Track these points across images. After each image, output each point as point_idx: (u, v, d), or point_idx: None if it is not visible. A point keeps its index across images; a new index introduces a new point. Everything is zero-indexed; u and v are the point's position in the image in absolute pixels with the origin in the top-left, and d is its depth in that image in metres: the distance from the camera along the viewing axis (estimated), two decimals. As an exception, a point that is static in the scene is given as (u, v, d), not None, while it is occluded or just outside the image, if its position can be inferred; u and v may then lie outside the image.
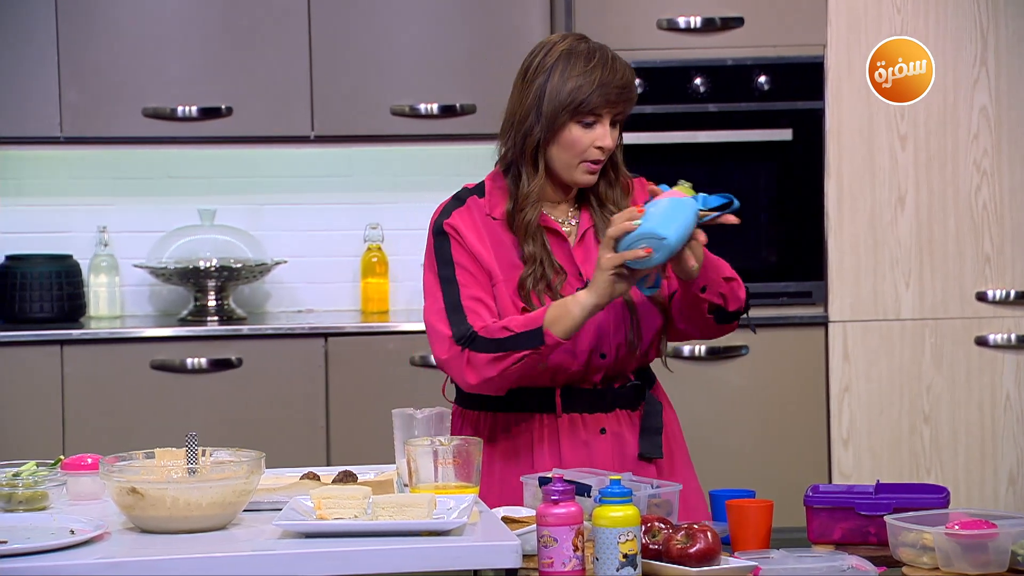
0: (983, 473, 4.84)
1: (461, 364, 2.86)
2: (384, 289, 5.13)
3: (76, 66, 4.80)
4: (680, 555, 2.39)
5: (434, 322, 2.90)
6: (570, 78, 2.90)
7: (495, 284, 2.93)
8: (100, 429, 4.64)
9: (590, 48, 2.93)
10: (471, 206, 3.00)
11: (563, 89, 2.90)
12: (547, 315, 2.83)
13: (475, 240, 2.95)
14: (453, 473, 2.59)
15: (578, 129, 2.91)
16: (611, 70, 2.90)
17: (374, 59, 4.89)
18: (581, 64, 2.90)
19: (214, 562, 2.29)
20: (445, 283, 2.92)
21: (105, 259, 5.05)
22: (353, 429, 4.73)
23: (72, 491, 2.72)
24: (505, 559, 2.34)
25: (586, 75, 2.89)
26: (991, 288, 4.85)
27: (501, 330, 2.85)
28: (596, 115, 2.91)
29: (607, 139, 2.92)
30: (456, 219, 2.98)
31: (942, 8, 4.80)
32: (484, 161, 5.24)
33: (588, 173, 2.94)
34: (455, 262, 2.94)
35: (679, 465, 3.03)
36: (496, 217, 2.98)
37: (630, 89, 2.93)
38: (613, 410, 2.97)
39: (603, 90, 2.89)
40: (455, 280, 2.92)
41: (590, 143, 2.92)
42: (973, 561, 2.43)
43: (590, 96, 2.89)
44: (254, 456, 2.52)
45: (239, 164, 5.19)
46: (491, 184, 3.03)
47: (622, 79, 2.91)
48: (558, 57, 2.93)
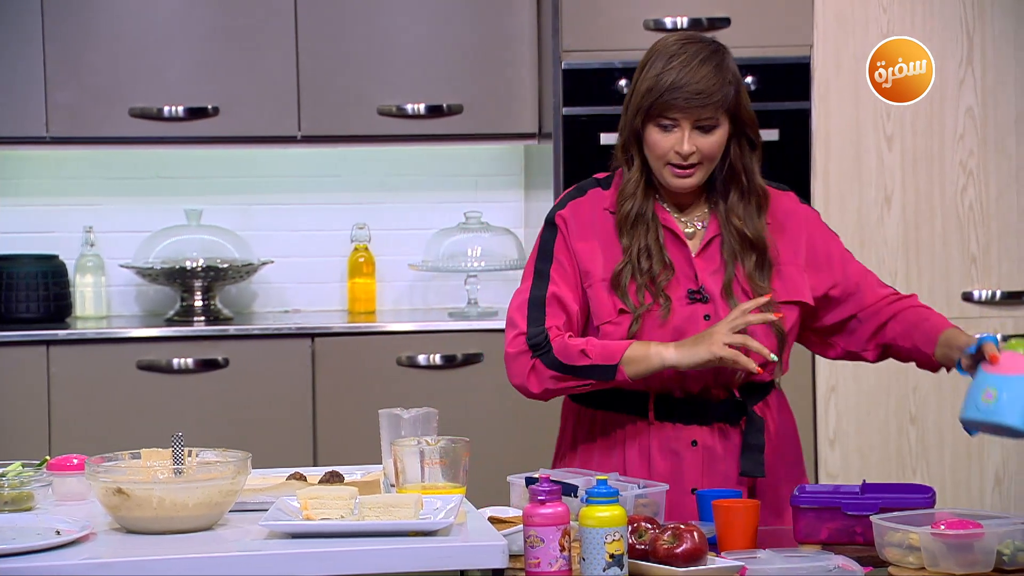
0: (969, 473, 4.85)
1: (525, 368, 2.87)
2: (371, 289, 5.13)
3: (63, 66, 4.79)
4: (667, 555, 2.40)
5: (514, 313, 2.91)
6: (646, 79, 2.84)
7: (591, 284, 2.90)
8: (86, 429, 4.63)
9: (683, 49, 2.83)
10: (591, 198, 2.95)
11: (639, 89, 2.84)
12: (626, 353, 2.81)
13: (582, 235, 2.91)
14: (440, 473, 2.59)
15: (656, 132, 2.85)
16: (690, 72, 2.80)
17: (361, 59, 4.89)
18: (660, 64, 2.82)
19: (200, 563, 2.29)
20: (538, 276, 2.91)
21: (91, 259, 5.04)
22: (340, 429, 4.72)
23: (58, 492, 2.71)
24: (492, 559, 2.34)
25: (659, 77, 2.82)
26: (977, 288, 4.86)
27: (579, 354, 2.83)
28: (671, 119, 2.83)
29: (684, 144, 2.82)
30: (569, 210, 2.94)
31: (928, 9, 4.81)
32: (472, 161, 5.27)
33: (676, 177, 2.86)
34: (555, 256, 2.92)
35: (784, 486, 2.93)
36: (615, 211, 2.93)
37: (705, 96, 2.80)
38: (711, 423, 2.90)
39: (672, 94, 2.80)
40: (548, 275, 2.90)
41: (669, 147, 2.84)
42: (959, 561, 2.44)
43: (658, 99, 2.81)
44: (240, 456, 2.52)
45: (226, 164, 5.18)
46: (619, 178, 2.96)
47: (699, 84, 2.80)
48: (652, 55, 2.86)
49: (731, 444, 2.91)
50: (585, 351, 2.84)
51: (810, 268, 2.96)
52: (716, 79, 2.82)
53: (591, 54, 4.78)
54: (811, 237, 2.98)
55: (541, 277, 2.91)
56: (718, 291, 2.89)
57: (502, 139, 5.03)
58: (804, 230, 2.98)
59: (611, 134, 4.80)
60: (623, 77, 4.77)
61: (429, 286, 5.25)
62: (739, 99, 2.86)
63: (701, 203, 2.94)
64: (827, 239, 3.00)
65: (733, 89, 2.84)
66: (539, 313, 2.88)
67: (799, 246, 2.96)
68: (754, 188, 2.91)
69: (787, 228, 2.96)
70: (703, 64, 2.82)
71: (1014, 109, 4.85)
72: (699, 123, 2.83)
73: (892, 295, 2.99)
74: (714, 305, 2.89)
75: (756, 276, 2.89)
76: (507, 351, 2.90)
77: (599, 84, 4.76)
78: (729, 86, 2.83)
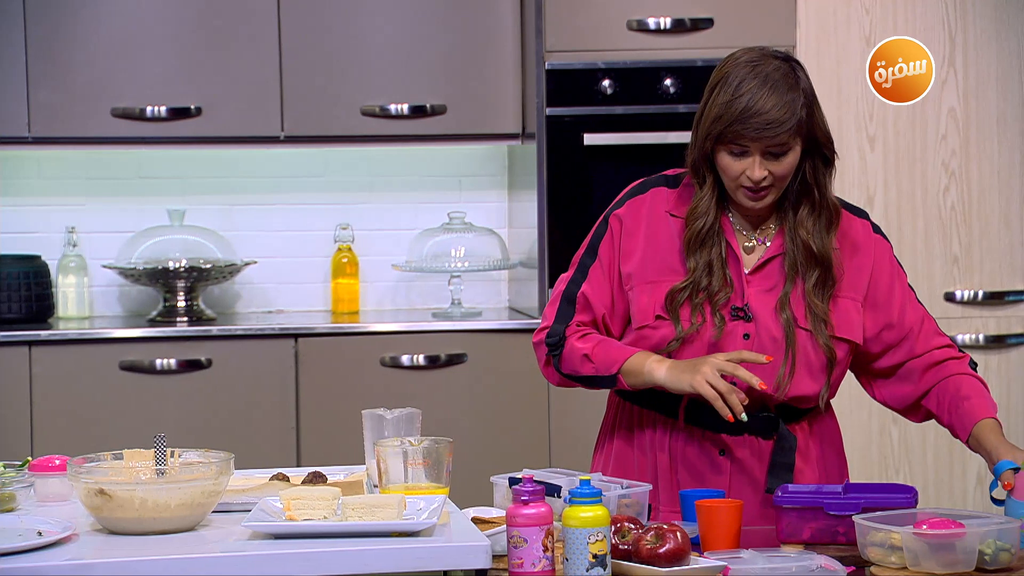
0: (951, 473, 4.86)
1: (542, 361, 2.93)
2: (354, 289, 5.12)
3: (45, 66, 4.77)
4: (650, 555, 2.40)
5: (552, 300, 2.94)
6: (716, 104, 2.78)
7: (633, 286, 2.88)
8: (68, 430, 4.62)
9: (754, 71, 2.78)
10: (653, 197, 2.92)
11: (710, 114, 2.79)
12: (627, 362, 2.82)
13: (634, 235, 2.90)
14: (423, 474, 2.59)
15: (727, 156, 2.80)
16: (761, 100, 2.74)
17: (344, 59, 4.88)
18: (732, 89, 2.77)
19: (183, 563, 2.29)
20: (580, 269, 2.93)
21: (74, 259, 5.03)
22: (323, 430, 4.72)
23: (40, 492, 2.71)
24: (475, 560, 2.34)
25: (730, 104, 2.76)
26: (959, 289, 4.87)
27: (582, 359, 2.86)
28: (741, 146, 2.78)
29: (756, 171, 2.77)
30: (627, 210, 2.93)
31: (911, 10, 4.82)
32: (456, 161, 5.27)
33: (749, 199, 2.83)
34: (599, 255, 2.92)
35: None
36: (677, 215, 2.90)
37: (776, 126, 2.75)
38: (742, 434, 2.88)
39: (742, 124, 2.75)
40: (587, 271, 2.92)
41: (741, 171, 2.80)
42: (941, 560, 2.44)
43: (728, 127, 2.76)
44: (223, 457, 2.52)
45: (209, 164, 5.17)
46: (687, 182, 2.92)
47: (769, 114, 2.74)
48: (722, 75, 2.80)
49: (762, 459, 2.89)
50: (589, 356, 2.85)
51: (868, 304, 2.92)
52: (787, 107, 2.76)
53: (574, 54, 4.78)
54: (877, 271, 2.93)
55: (581, 272, 2.93)
56: (765, 310, 2.86)
57: (486, 139, 5.03)
58: (872, 261, 2.93)
59: (595, 134, 4.86)
60: (606, 77, 4.77)
61: (412, 286, 5.25)
62: (813, 120, 2.81)
63: (772, 217, 2.91)
64: (893, 276, 2.94)
65: (805, 112, 2.79)
66: (569, 309, 2.91)
67: (863, 278, 2.92)
68: (826, 204, 2.87)
69: (856, 256, 2.92)
70: (774, 91, 2.76)
71: (996, 110, 4.86)
72: (770, 149, 2.78)
73: (945, 349, 2.94)
74: (755, 324, 2.86)
75: (815, 293, 2.85)
76: (534, 337, 2.95)
77: (583, 84, 4.77)
78: (801, 111, 2.78)
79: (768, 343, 2.85)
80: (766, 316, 2.86)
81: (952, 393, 2.89)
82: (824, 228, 2.87)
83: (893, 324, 2.93)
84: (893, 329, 2.93)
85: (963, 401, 2.87)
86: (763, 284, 2.88)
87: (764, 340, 2.85)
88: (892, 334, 2.93)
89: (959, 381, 2.90)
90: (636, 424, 2.95)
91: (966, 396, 2.88)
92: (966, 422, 2.85)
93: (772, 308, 2.86)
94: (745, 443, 2.88)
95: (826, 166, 2.87)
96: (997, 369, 4.87)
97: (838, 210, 2.90)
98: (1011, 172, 4.87)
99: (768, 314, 2.86)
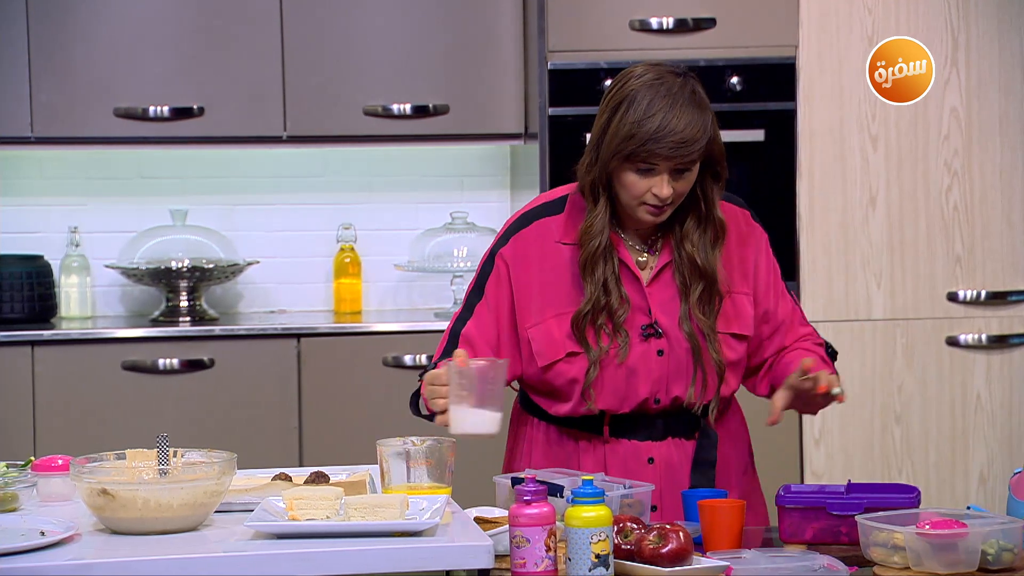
0: (954, 473, 4.86)
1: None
2: (357, 289, 5.12)
3: (47, 66, 4.78)
4: (652, 555, 2.40)
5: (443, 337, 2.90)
6: (627, 122, 2.76)
7: (539, 323, 2.85)
8: (71, 430, 4.62)
9: (660, 90, 2.77)
10: (538, 230, 2.88)
11: (619, 132, 2.76)
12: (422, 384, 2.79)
13: (526, 272, 2.86)
14: (426, 474, 2.59)
15: (632, 175, 2.78)
16: (674, 119, 2.74)
17: (347, 59, 4.88)
18: (643, 109, 2.75)
19: (185, 563, 2.29)
20: (467, 307, 2.90)
21: (76, 259, 5.04)
22: (325, 430, 4.72)
23: (42, 492, 2.71)
24: (477, 560, 2.34)
25: (641, 123, 2.74)
26: (962, 288, 4.87)
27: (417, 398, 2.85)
28: (650, 164, 2.77)
29: (664, 188, 2.76)
30: (512, 249, 2.88)
31: (913, 9, 4.82)
32: (458, 161, 5.27)
33: (651, 214, 2.81)
34: (485, 293, 2.89)
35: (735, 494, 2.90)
36: (568, 243, 2.87)
37: (690, 144, 2.74)
38: (665, 438, 2.90)
39: (656, 144, 2.73)
40: (473, 309, 2.88)
41: (646, 189, 2.78)
42: (943, 560, 2.44)
43: (641, 146, 2.74)
44: (226, 457, 2.52)
45: (211, 164, 5.17)
46: (573, 203, 2.90)
47: (683, 133, 2.74)
48: (627, 94, 2.78)
49: (687, 457, 2.91)
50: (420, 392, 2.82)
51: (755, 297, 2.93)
52: (698, 125, 2.75)
53: (577, 54, 4.78)
54: (758, 262, 2.94)
55: (468, 309, 2.90)
56: (671, 323, 2.86)
57: (488, 139, 5.03)
58: (754, 252, 2.94)
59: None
60: (608, 77, 4.77)
61: (415, 286, 5.25)
62: (714, 136, 2.80)
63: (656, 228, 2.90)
64: (770, 268, 2.95)
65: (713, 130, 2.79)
66: (449, 345, 2.87)
67: (749, 269, 2.93)
68: (712, 218, 2.86)
69: (742, 247, 2.92)
70: (684, 109, 2.75)
71: (998, 109, 4.86)
72: (678, 166, 2.78)
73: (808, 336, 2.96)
74: (667, 339, 2.87)
75: (699, 308, 2.85)
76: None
77: (585, 84, 4.77)
78: (711, 129, 2.78)
79: (683, 356, 2.86)
80: (673, 329, 2.86)
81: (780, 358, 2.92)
82: (710, 242, 2.86)
83: (768, 318, 2.94)
84: (768, 323, 2.94)
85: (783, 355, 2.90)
86: (663, 295, 2.87)
87: (679, 353, 2.86)
88: (767, 327, 2.94)
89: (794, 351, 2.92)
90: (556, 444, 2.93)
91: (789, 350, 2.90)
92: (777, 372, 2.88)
93: (676, 322, 2.86)
94: (671, 447, 2.90)
95: (715, 181, 2.85)
96: (1000, 369, 4.87)
97: (723, 225, 2.87)
98: (1013, 172, 4.87)
99: (674, 327, 2.86)
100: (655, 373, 2.86)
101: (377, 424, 4.54)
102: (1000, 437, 4.87)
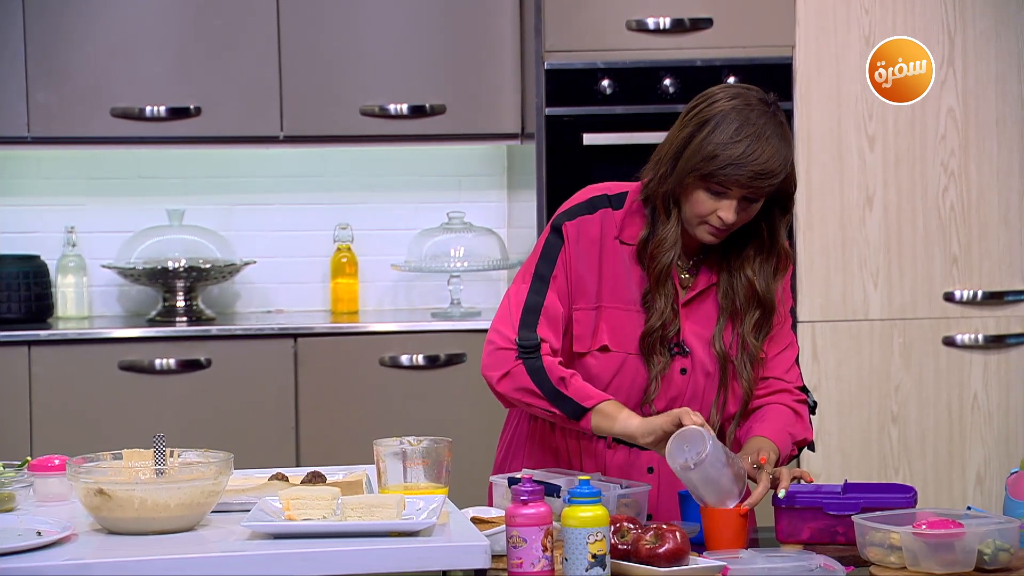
0: (951, 473, 4.86)
1: (501, 365, 2.80)
2: (354, 289, 5.12)
3: (44, 66, 4.77)
4: (649, 555, 2.40)
5: (512, 306, 2.83)
6: (712, 142, 2.72)
7: (581, 308, 2.84)
8: (68, 430, 4.62)
9: (751, 117, 2.74)
10: (602, 218, 2.86)
11: (700, 151, 2.73)
12: (603, 403, 2.75)
13: (586, 256, 2.84)
14: (422, 473, 2.59)
15: (703, 194, 2.75)
16: (759, 149, 2.71)
17: (344, 59, 4.88)
18: (730, 133, 2.72)
19: (182, 563, 2.29)
20: (539, 279, 2.84)
21: (73, 259, 5.03)
22: (322, 430, 4.72)
23: (39, 492, 2.71)
24: (474, 560, 2.34)
25: (726, 147, 2.72)
26: (959, 288, 4.88)
27: (559, 380, 2.77)
28: (725, 187, 2.74)
29: (730, 214, 2.74)
30: (578, 226, 2.86)
31: (910, 10, 4.82)
32: (455, 161, 5.26)
33: (712, 235, 2.79)
34: (558, 266, 2.84)
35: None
36: (625, 241, 2.86)
37: (769, 177, 2.72)
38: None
39: (736, 169, 2.71)
40: (549, 283, 2.83)
41: (712, 210, 2.76)
42: (940, 560, 2.44)
43: (721, 170, 2.71)
44: (223, 457, 2.52)
45: (208, 164, 5.17)
46: (632, 202, 2.88)
47: (765, 165, 2.71)
48: (715, 114, 2.74)
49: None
50: (564, 379, 2.78)
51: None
52: (780, 160, 2.73)
53: (574, 54, 4.78)
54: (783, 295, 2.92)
55: (542, 282, 2.84)
56: (699, 343, 2.86)
57: (485, 139, 5.03)
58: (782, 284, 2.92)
59: (594, 134, 4.86)
60: (606, 77, 4.77)
61: (412, 286, 5.25)
62: (791, 172, 2.78)
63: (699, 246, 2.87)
64: (786, 297, 2.94)
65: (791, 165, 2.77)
66: (533, 319, 2.81)
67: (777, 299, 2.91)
68: (776, 248, 2.86)
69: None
70: (770, 141, 2.73)
71: (995, 110, 4.86)
72: (749, 195, 2.76)
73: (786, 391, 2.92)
74: (691, 359, 2.86)
75: (752, 335, 2.85)
76: (493, 340, 2.82)
77: (582, 84, 4.77)
78: (789, 164, 2.76)
79: (702, 378, 2.86)
80: (700, 350, 2.86)
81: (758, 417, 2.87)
82: (771, 272, 2.85)
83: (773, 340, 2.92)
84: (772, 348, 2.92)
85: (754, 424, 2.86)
86: (695, 315, 2.86)
87: (699, 375, 2.86)
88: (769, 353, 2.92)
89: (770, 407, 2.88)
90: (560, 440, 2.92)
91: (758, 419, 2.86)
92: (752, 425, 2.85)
93: (706, 342, 2.86)
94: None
95: (783, 213, 2.84)
96: (996, 369, 4.88)
97: (789, 256, 2.88)
98: (1010, 172, 4.88)
99: (702, 348, 2.86)
100: (673, 391, 2.85)
101: (374, 424, 4.55)
102: (997, 437, 4.87)
